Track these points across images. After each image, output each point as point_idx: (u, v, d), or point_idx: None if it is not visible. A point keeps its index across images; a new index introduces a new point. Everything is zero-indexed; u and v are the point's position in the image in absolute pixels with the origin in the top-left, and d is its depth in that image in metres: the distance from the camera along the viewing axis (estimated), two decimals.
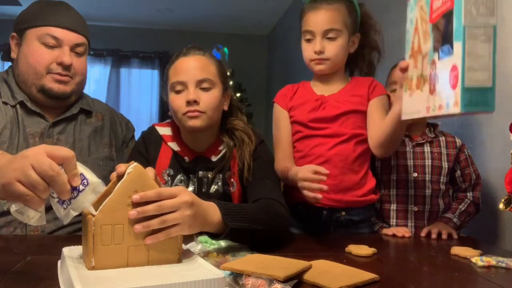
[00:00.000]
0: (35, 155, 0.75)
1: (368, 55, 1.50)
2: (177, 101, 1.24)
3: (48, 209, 1.26)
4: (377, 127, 1.35)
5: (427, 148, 1.53)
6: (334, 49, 1.38)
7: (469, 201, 1.51)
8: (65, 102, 1.37)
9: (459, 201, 1.51)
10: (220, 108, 1.29)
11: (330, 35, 1.37)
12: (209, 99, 1.24)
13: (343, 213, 1.41)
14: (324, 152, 1.39)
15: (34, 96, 1.33)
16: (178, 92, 1.24)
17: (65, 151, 0.76)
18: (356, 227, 1.43)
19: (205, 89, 1.24)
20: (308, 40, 1.41)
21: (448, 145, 1.54)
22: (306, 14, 1.41)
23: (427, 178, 1.49)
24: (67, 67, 1.31)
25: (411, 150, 1.52)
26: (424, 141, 1.53)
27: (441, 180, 1.50)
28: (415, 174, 1.49)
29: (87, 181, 0.77)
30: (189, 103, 1.21)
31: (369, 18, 1.48)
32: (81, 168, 0.78)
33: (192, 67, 1.25)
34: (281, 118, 1.48)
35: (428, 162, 1.51)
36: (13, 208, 0.76)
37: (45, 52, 1.30)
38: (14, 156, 0.80)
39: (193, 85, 1.23)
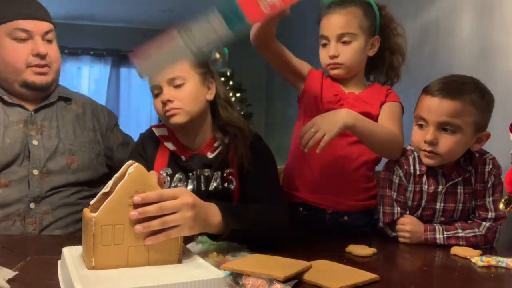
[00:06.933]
0: None
1: (388, 58, 1.45)
2: (157, 104, 1.26)
3: (47, 200, 1.28)
4: None
5: (460, 189, 1.30)
6: (349, 53, 1.36)
7: (478, 233, 1.28)
8: (46, 92, 1.39)
9: (466, 225, 1.31)
10: (200, 100, 1.27)
11: (345, 39, 1.35)
12: (182, 95, 1.23)
13: (346, 217, 1.39)
14: (332, 151, 1.34)
15: (17, 91, 1.34)
16: (156, 96, 1.26)
17: None
18: (357, 232, 1.42)
19: (178, 86, 1.24)
20: (324, 45, 1.39)
21: (478, 178, 1.30)
22: (322, 19, 1.40)
23: (453, 220, 1.33)
24: (43, 57, 1.33)
25: (444, 191, 1.30)
26: (460, 178, 1.30)
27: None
28: (443, 219, 1.32)
29: None
30: (164, 103, 1.23)
31: (390, 21, 1.43)
32: None
33: None
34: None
35: (459, 206, 1.31)
36: None
37: (20, 46, 1.31)
38: None
39: (166, 85, 1.23)
